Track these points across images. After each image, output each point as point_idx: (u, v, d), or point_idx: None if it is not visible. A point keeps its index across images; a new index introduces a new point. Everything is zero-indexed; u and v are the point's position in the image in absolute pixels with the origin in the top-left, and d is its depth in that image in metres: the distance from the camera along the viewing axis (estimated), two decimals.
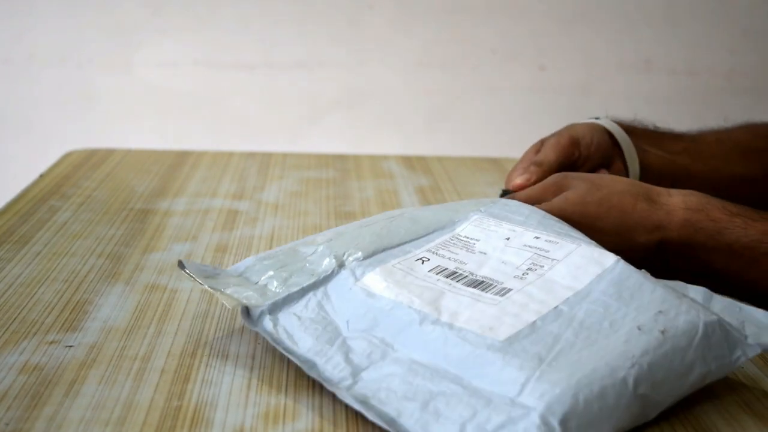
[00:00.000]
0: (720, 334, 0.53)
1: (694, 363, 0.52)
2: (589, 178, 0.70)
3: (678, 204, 0.67)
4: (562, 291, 0.57)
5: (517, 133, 1.93)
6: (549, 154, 0.80)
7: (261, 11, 1.87)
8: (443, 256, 0.62)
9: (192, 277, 0.62)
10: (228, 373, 0.57)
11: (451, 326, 0.54)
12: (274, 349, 0.60)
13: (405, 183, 1.05)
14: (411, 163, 1.15)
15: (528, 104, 1.88)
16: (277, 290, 0.60)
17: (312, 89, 1.91)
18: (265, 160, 1.14)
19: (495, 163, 1.16)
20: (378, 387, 0.51)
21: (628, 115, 0.92)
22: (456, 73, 1.90)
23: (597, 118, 0.87)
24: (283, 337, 0.57)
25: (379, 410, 0.50)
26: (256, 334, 0.62)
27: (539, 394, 0.48)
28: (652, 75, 1.89)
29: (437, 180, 1.07)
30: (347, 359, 0.54)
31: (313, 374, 0.53)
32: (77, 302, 0.67)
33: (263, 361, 0.58)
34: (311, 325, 0.57)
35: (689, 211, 0.67)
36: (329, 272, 0.61)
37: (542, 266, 0.59)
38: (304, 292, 0.60)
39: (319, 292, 0.60)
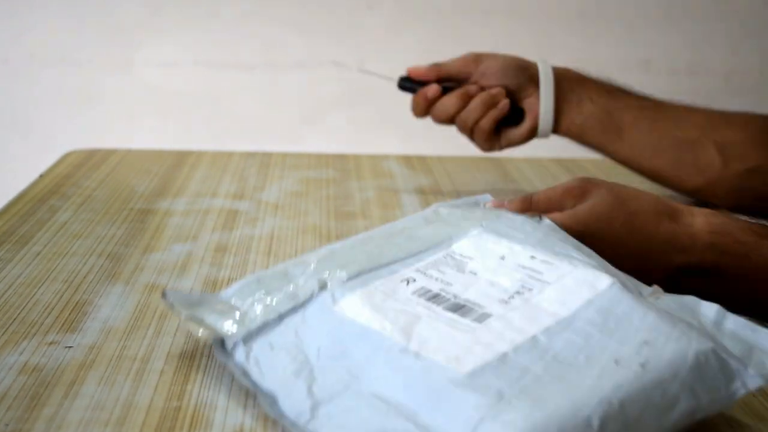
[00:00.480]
0: (715, 364, 0.49)
1: (678, 397, 0.47)
2: (613, 189, 0.68)
3: (702, 226, 0.65)
4: (545, 318, 0.53)
5: None
6: (451, 64, 0.98)
7: (261, 11, 1.87)
8: (430, 276, 0.59)
9: (172, 308, 0.58)
10: (227, 373, 0.57)
11: (417, 355, 0.51)
12: None
13: (405, 183, 1.05)
14: (411, 163, 1.15)
15: None
16: (258, 317, 0.57)
17: (312, 89, 1.91)
18: (265, 160, 1.14)
19: (495, 163, 1.16)
20: (333, 423, 0.49)
21: None
22: None
23: (543, 61, 0.96)
24: (253, 368, 0.54)
25: None
26: None
27: None
28: (652, 75, 1.89)
29: (437, 180, 1.07)
30: (309, 392, 0.51)
31: (272, 413, 0.51)
32: (77, 303, 0.67)
33: None
34: (282, 354, 0.54)
35: (715, 234, 0.65)
36: (309, 296, 0.57)
37: (531, 289, 0.56)
38: (281, 318, 0.57)
39: (297, 316, 0.56)
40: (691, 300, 0.55)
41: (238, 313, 0.57)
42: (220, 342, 0.56)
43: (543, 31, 1.89)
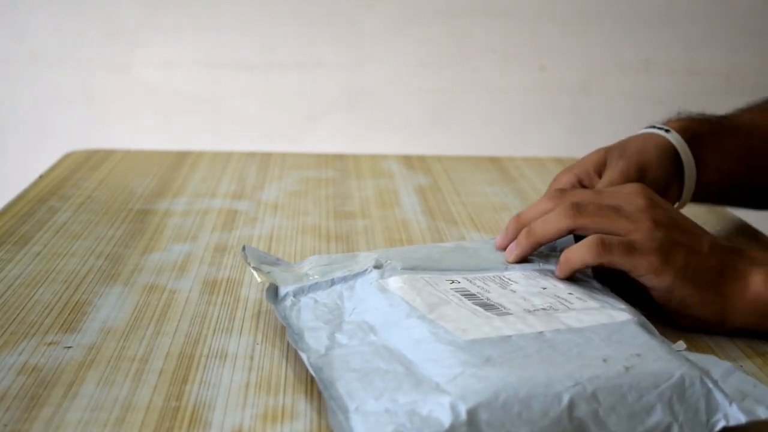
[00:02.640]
0: (699, 390, 0.50)
1: (654, 407, 0.49)
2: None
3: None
4: (557, 324, 0.56)
5: (517, 133, 1.94)
6: (610, 185, 0.75)
7: (261, 11, 1.87)
8: (474, 284, 0.63)
9: (245, 258, 0.67)
10: (226, 373, 0.57)
11: (431, 322, 0.56)
12: (273, 350, 0.60)
13: (405, 182, 1.05)
14: (411, 162, 1.15)
15: (528, 104, 1.88)
16: (313, 279, 0.64)
17: (312, 89, 1.91)
18: (264, 160, 1.14)
19: (495, 162, 1.16)
20: (339, 360, 0.54)
21: (628, 114, 0.92)
22: (456, 73, 1.90)
23: (667, 130, 0.80)
24: (293, 314, 0.61)
25: (324, 376, 0.52)
26: (255, 334, 0.62)
27: (463, 385, 0.49)
28: (652, 75, 1.89)
29: (437, 179, 1.07)
30: (331, 336, 0.57)
31: (297, 346, 0.56)
32: (76, 303, 0.67)
33: (262, 362, 0.58)
34: (322, 308, 0.61)
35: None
36: (363, 270, 0.64)
37: (556, 310, 0.59)
38: (333, 283, 0.64)
39: (347, 285, 0.63)
40: (710, 357, 0.56)
41: (299, 274, 0.66)
42: (274, 291, 0.63)
43: (543, 31, 1.89)
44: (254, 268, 0.66)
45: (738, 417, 0.49)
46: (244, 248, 0.68)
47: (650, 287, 0.63)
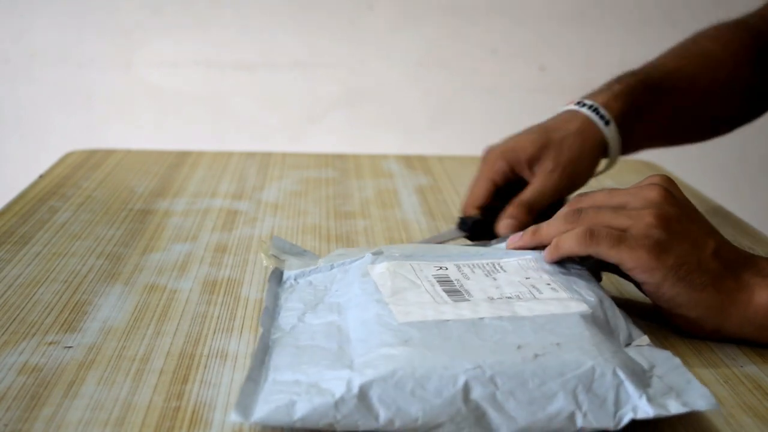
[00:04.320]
0: (610, 382, 0.49)
1: (556, 395, 0.49)
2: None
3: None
4: (505, 312, 0.56)
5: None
6: (540, 198, 0.80)
7: (261, 11, 1.87)
8: (460, 270, 0.63)
9: (269, 244, 0.71)
10: (227, 373, 0.57)
11: (383, 305, 0.57)
12: None
13: (405, 182, 1.05)
14: (411, 162, 1.15)
15: (528, 104, 1.88)
16: (317, 265, 0.67)
17: (312, 89, 1.91)
18: (264, 160, 1.14)
19: None
20: (292, 336, 0.56)
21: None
22: (456, 73, 1.90)
23: (606, 122, 0.84)
24: (286, 294, 0.63)
25: (271, 350, 0.55)
26: (255, 334, 0.62)
27: (369, 362, 0.50)
28: None
29: (437, 179, 1.07)
30: (301, 316, 0.59)
31: (263, 324, 0.58)
32: (76, 303, 0.67)
33: None
34: (311, 289, 0.63)
35: None
36: (361, 256, 0.65)
37: (520, 298, 0.58)
38: (332, 267, 0.66)
39: (344, 269, 0.65)
40: (664, 353, 0.55)
41: (307, 261, 0.69)
42: (279, 276, 0.66)
43: (543, 31, 1.89)
44: (272, 255, 0.69)
45: (647, 410, 0.49)
46: (272, 238, 0.72)
47: (640, 283, 0.63)
